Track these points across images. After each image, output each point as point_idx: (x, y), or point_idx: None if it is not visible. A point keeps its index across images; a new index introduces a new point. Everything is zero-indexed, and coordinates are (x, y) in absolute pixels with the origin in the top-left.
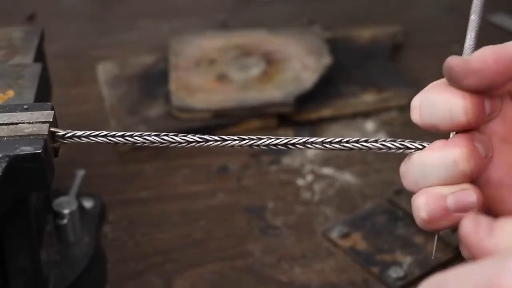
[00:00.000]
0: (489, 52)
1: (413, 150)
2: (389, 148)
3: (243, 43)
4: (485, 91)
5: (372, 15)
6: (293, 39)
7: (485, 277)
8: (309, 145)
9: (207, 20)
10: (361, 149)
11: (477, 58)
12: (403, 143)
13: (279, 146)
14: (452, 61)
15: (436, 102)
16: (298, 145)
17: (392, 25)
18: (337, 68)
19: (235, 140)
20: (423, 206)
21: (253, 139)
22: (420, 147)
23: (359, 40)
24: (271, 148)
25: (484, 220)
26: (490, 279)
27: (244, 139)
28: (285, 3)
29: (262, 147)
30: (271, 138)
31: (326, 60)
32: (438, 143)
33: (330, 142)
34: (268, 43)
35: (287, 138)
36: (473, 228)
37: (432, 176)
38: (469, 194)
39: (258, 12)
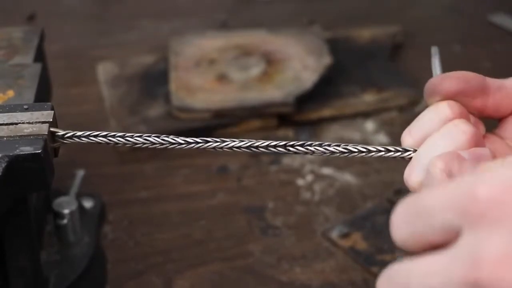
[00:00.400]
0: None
1: (411, 153)
2: (388, 150)
3: (243, 43)
4: (460, 98)
5: (372, 15)
6: (293, 39)
7: (461, 191)
8: (309, 147)
9: (207, 20)
10: (361, 152)
11: (450, 72)
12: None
13: (278, 148)
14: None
15: (423, 116)
16: (297, 147)
17: (392, 25)
18: (337, 68)
19: (234, 141)
20: (439, 159)
21: (251, 141)
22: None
23: (359, 40)
24: (269, 150)
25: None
26: (466, 191)
27: (243, 141)
28: (285, 3)
29: (260, 149)
30: (269, 140)
31: (326, 60)
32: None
33: (330, 145)
34: (268, 43)
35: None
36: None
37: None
38: (483, 149)
39: (258, 12)
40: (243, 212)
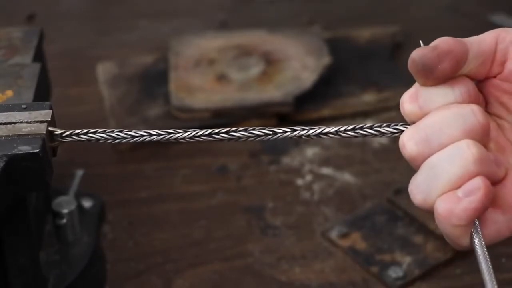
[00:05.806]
0: (447, 38)
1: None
2: (382, 133)
3: (243, 43)
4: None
5: (372, 15)
6: (293, 39)
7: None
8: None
9: (207, 20)
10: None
11: (442, 41)
12: (396, 126)
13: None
14: (419, 52)
15: (437, 89)
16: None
17: (392, 25)
18: (337, 68)
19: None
20: None
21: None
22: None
23: (359, 40)
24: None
25: None
26: None
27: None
28: (285, 3)
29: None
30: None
31: (326, 60)
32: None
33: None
34: (268, 43)
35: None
36: None
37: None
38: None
39: (258, 12)
40: (243, 212)
